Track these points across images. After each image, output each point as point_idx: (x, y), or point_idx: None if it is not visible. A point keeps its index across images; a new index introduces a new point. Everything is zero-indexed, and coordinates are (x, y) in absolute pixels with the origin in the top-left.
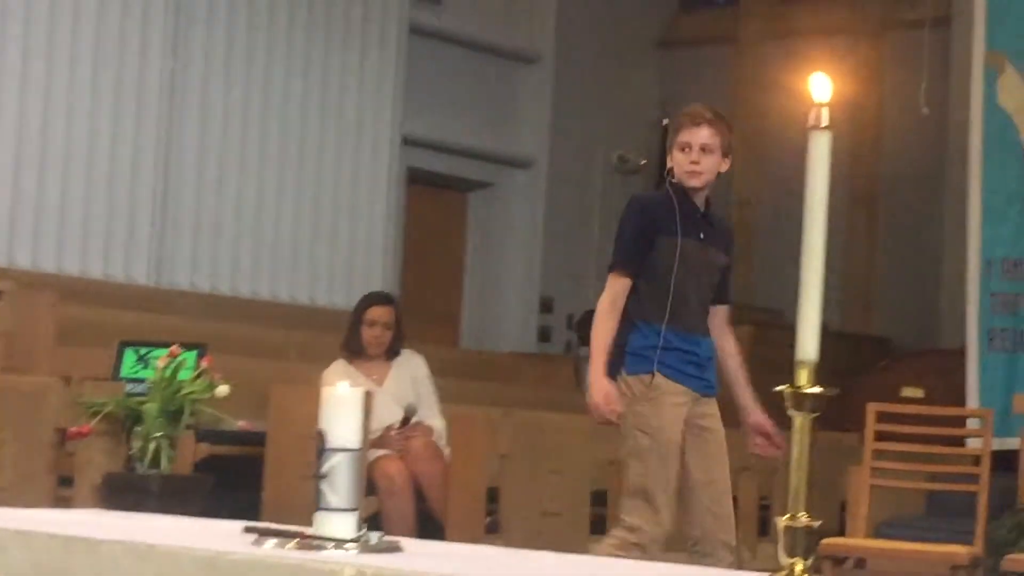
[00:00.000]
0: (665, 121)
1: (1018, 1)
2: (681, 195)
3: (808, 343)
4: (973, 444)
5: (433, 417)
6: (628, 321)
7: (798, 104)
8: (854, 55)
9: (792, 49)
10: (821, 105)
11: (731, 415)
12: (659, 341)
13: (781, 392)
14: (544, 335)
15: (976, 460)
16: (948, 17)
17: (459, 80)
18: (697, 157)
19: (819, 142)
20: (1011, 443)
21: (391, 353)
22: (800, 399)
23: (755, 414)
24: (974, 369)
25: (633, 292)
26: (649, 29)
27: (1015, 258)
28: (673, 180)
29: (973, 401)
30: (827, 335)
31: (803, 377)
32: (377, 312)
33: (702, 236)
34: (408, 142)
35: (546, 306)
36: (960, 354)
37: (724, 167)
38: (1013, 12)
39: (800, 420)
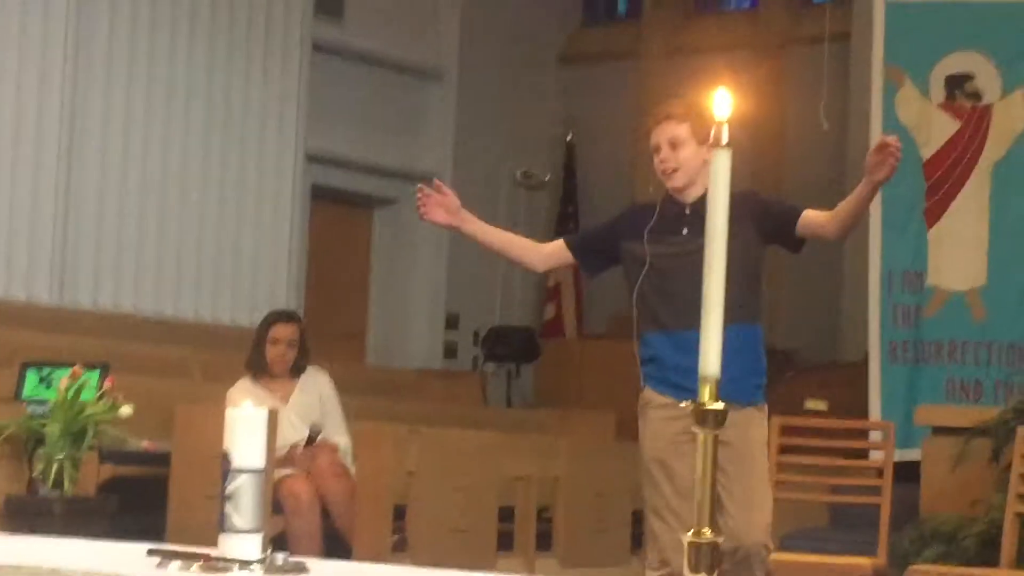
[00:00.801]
0: (569, 136)
1: (916, 17)
2: (666, 198)
3: (711, 358)
4: (876, 456)
5: (339, 435)
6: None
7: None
8: (755, 70)
9: (694, 64)
10: (722, 122)
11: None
12: (645, 350)
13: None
14: (450, 351)
15: (879, 472)
16: (847, 33)
17: (363, 96)
18: (666, 155)
19: (720, 159)
20: (913, 454)
21: (296, 371)
22: (704, 415)
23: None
24: (876, 381)
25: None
26: (552, 45)
27: (915, 270)
28: None
29: (876, 413)
30: None
31: (706, 393)
32: (281, 330)
33: (686, 232)
34: (312, 159)
35: (452, 322)
36: (862, 366)
37: (710, 154)
38: (911, 28)
39: (704, 436)
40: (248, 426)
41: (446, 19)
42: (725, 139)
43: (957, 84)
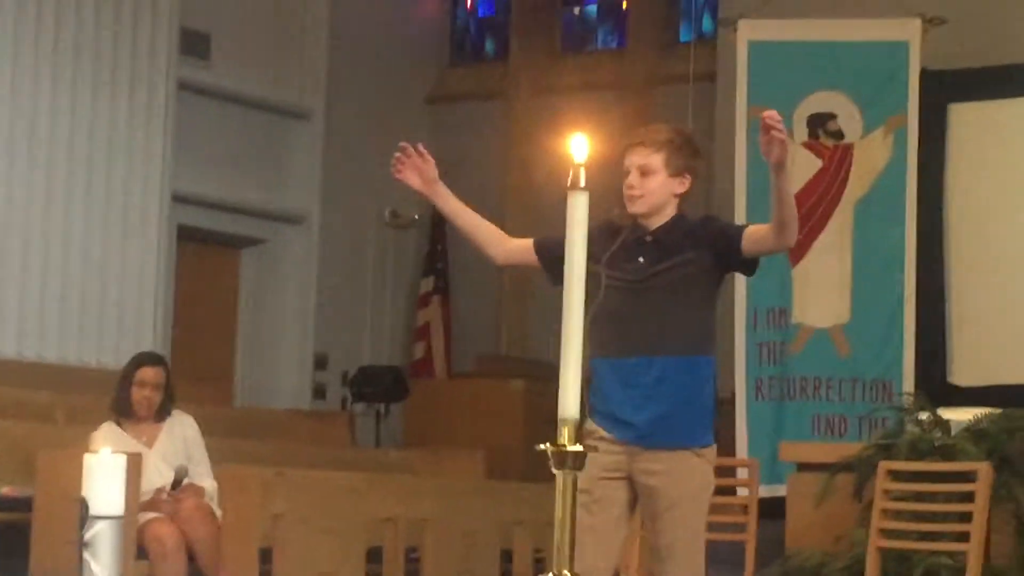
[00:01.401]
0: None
1: (778, 58)
2: (633, 224)
3: (570, 401)
4: (743, 493)
5: (204, 478)
6: None
7: (566, 159)
8: (622, 110)
9: (562, 103)
10: (579, 165)
11: None
12: (592, 377)
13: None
14: (319, 392)
15: (744, 509)
16: (713, 73)
17: (229, 136)
18: (633, 181)
19: (578, 202)
20: (779, 491)
21: (161, 414)
22: (562, 457)
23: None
24: (743, 418)
25: None
26: (420, 84)
27: (780, 307)
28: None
29: (743, 450)
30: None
31: (565, 435)
32: (147, 373)
33: (642, 260)
34: (178, 199)
35: (320, 363)
36: (729, 404)
37: (680, 188)
38: (774, 68)
39: (563, 478)
40: (106, 472)
41: (313, 59)
42: (582, 182)
43: (819, 123)
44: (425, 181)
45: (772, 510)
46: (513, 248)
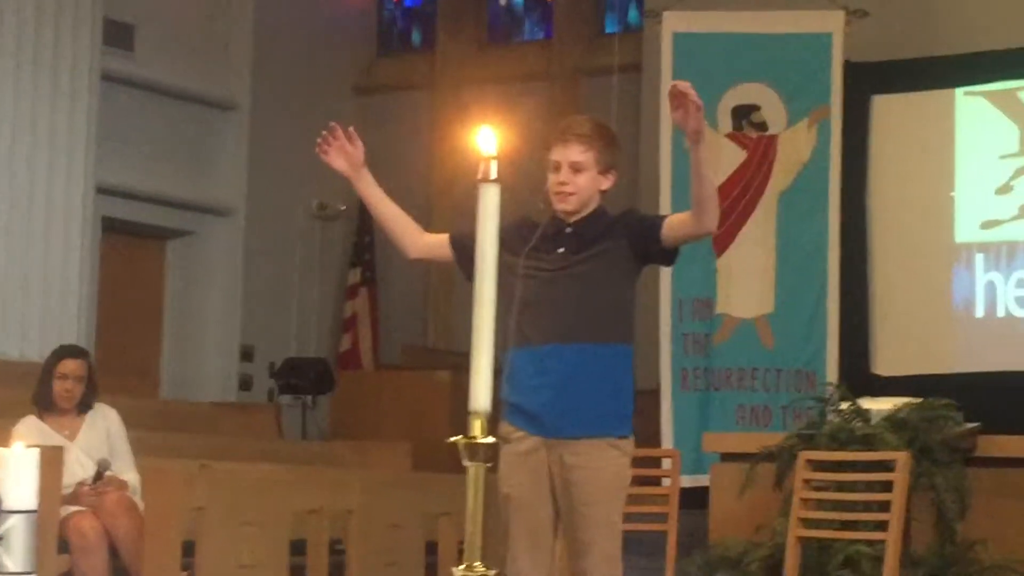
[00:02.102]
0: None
1: (702, 49)
2: (552, 217)
3: (481, 393)
4: (667, 483)
5: (127, 471)
6: None
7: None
8: (549, 101)
9: (490, 94)
10: (490, 158)
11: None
12: (505, 369)
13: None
14: (245, 384)
15: (668, 499)
16: (639, 64)
17: (154, 127)
18: (566, 177)
19: (489, 194)
20: (704, 481)
21: (83, 407)
22: (474, 449)
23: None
24: (668, 409)
25: None
26: (347, 75)
27: (705, 298)
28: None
29: (668, 440)
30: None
31: (477, 427)
32: (68, 365)
33: (562, 250)
34: (102, 190)
35: (247, 355)
36: (655, 394)
37: (605, 184)
38: (698, 59)
39: (474, 470)
40: (19, 466)
41: (238, 50)
42: (494, 174)
43: (744, 115)
44: (351, 165)
45: (697, 500)
46: (428, 242)
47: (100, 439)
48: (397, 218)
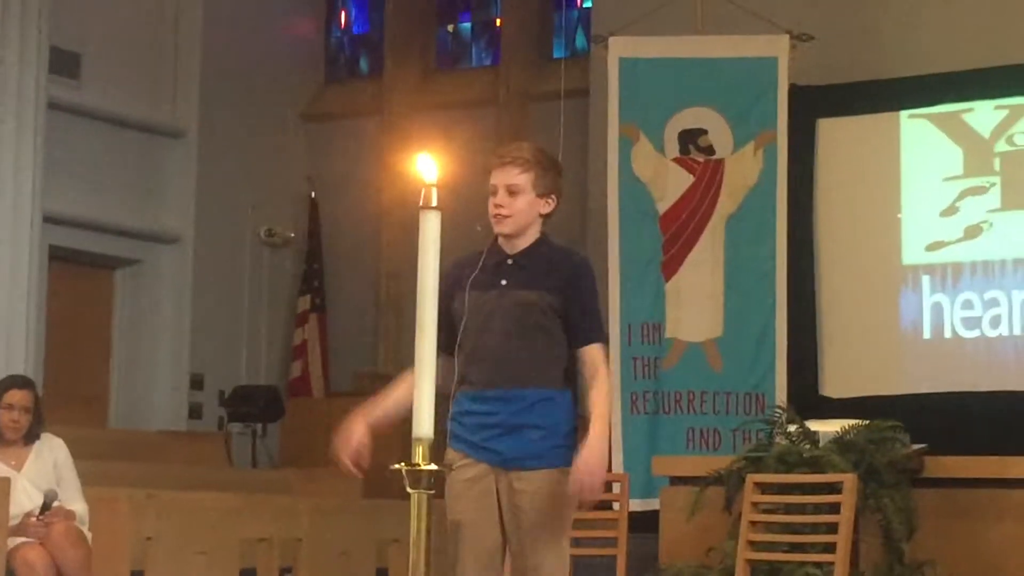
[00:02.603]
0: (312, 194)
1: (648, 74)
2: (492, 243)
3: (424, 420)
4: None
5: (75, 501)
6: None
7: (445, 176)
8: (498, 125)
9: (437, 120)
10: (430, 185)
11: None
12: (455, 407)
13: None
14: (195, 412)
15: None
16: (586, 89)
17: (101, 156)
18: (502, 200)
19: (429, 220)
20: (654, 504)
21: (30, 437)
22: (417, 476)
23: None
24: (618, 432)
25: None
26: (294, 102)
27: (654, 322)
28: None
29: (618, 464)
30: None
31: (419, 454)
32: (14, 396)
33: (503, 283)
34: (49, 219)
35: (196, 383)
36: None
37: (545, 209)
38: (644, 84)
39: (417, 496)
40: None
41: (185, 77)
42: (434, 201)
43: (690, 139)
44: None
45: (648, 524)
46: (446, 366)
47: (47, 469)
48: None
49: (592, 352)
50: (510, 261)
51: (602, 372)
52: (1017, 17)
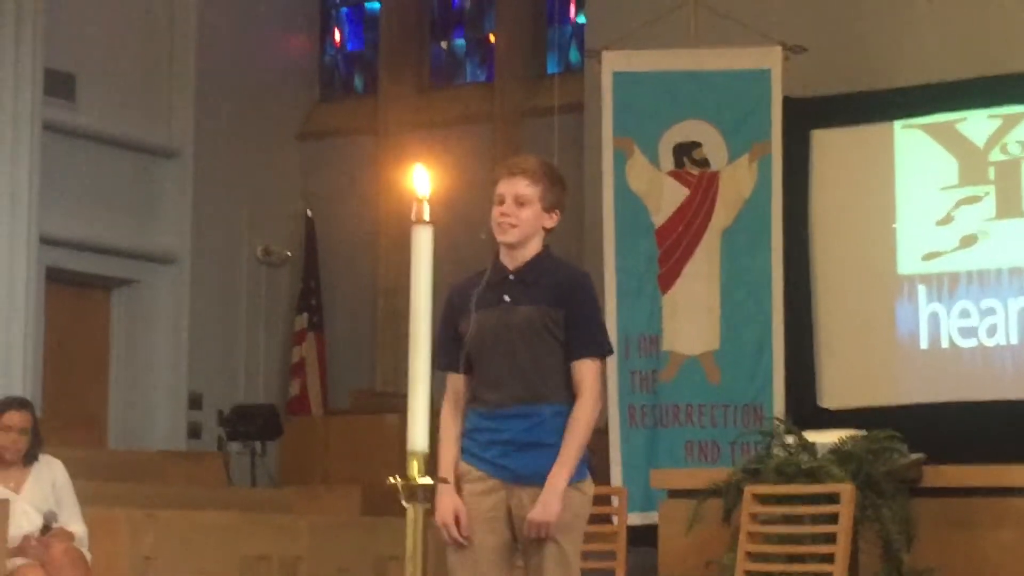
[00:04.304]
0: (309, 212)
1: (643, 88)
2: (495, 260)
3: (418, 433)
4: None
5: (74, 522)
6: None
7: (441, 192)
8: (492, 141)
9: (432, 137)
10: (422, 199)
11: None
12: (467, 422)
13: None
14: (194, 432)
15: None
16: (580, 104)
17: (97, 177)
18: (509, 209)
19: (421, 235)
20: (653, 518)
21: (29, 459)
22: (412, 490)
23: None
24: (616, 446)
25: None
26: (289, 121)
27: (651, 335)
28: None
29: (617, 478)
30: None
31: (415, 468)
32: (13, 417)
33: (507, 299)
34: (46, 241)
35: (195, 402)
36: (603, 431)
37: (549, 223)
38: (638, 98)
39: (413, 510)
40: None
41: (180, 97)
42: (427, 216)
43: (685, 152)
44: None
45: (647, 537)
46: (462, 392)
47: (46, 491)
48: (458, 435)
49: (582, 368)
50: (512, 277)
51: (587, 391)
52: (1009, 26)
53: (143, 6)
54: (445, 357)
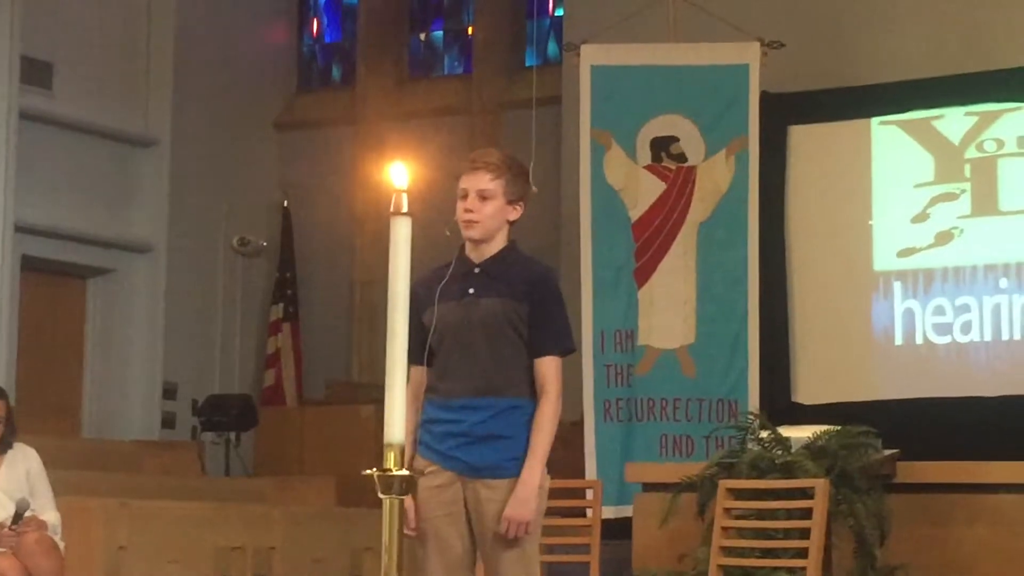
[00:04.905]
0: (285, 202)
1: (620, 81)
2: (459, 253)
3: (395, 425)
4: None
5: (48, 511)
6: None
7: (418, 184)
8: (470, 134)
9: (410, 128)
10: (400, 191)
11: None
12: (423, 415)
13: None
14: (168, 422)
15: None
16: (558, 97)
17: (73, 165)
18: (472, 204)
19: (400, 227)
20: (627, 511)
21: (2, 447)
22: (388, 482)
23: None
24: (591, 440)
25: None
26: (267, 111)
27: (627, 329)
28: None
29: (592, 472)
30: None
31: (391, 460)
32: None
33: (471, 291)
34: (22, 229)
35: (170, 392)
36: (578, 425)
37: (513, 215)
38: (616, 93)
39: (389, 502)
40: None
41: (158, 86)
42: (405, 207)
43: (662, 146)
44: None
45: (622, 531)
46: (422, 382)
47: (19, 479)
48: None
49: (544, 365)
50: (477, 270)
51: (550, 389)
52: (987, 24)
53: None
54: (413, 350)
